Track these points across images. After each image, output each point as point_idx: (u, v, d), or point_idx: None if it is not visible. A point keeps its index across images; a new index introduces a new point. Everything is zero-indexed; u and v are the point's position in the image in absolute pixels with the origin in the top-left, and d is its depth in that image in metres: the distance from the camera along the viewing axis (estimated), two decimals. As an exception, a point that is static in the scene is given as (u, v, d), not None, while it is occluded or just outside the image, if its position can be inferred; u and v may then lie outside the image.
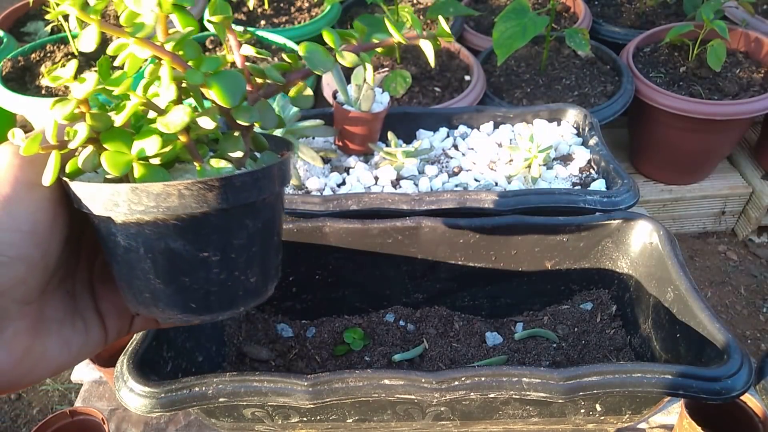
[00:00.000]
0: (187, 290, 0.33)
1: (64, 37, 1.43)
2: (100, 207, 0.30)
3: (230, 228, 0.32)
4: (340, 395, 0.56)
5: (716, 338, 0.59)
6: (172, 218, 0.30)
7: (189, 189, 0.29)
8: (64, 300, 0.34)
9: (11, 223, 0.30)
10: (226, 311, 0.34)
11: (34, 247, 0.30)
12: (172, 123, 0.30)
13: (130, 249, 0.31)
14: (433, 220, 0.74)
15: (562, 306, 0.81)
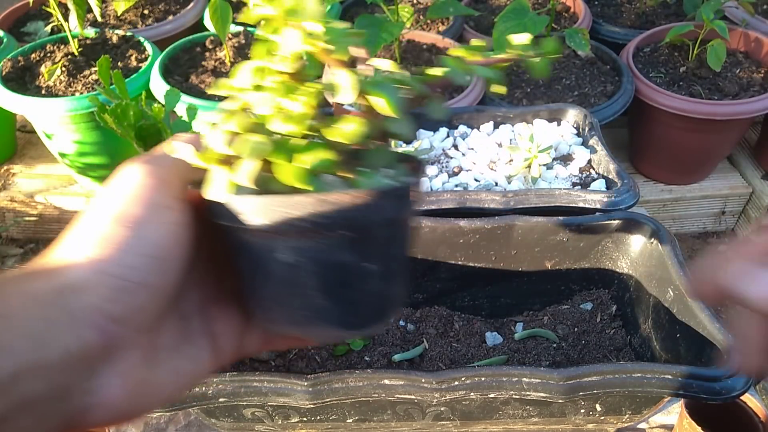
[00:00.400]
0: (348, 305, 0.32)
1: (64, 37, 1.43)
2: (269, 221, 0.28)
3: (394, 238, 0.31)
4: (340, 395, 0.56)
5: (716, 338, 0.59)
6: (350, 229, 0.29)
7: (375, 197, 0.28)
8: (176, 325, 0.32)
9: (139, 247, 0.28)
10: (377, 324, 0.34)
11: (158, 273, 0.29)
12: (348, 132, 0.29)
13: (295, 265, 0.30)
14: (433, 220, 0.74)
15: (562, 306, 0.81)
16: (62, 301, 0.26)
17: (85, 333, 0.26)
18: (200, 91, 1.31)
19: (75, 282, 0.27)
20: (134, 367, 0.29)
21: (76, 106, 1.24)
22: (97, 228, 0.28)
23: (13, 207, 1.50)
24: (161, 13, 1.66)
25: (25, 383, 0.25)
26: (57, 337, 0.26)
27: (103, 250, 0.28)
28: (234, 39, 1.45)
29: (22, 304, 0.26)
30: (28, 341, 0.25)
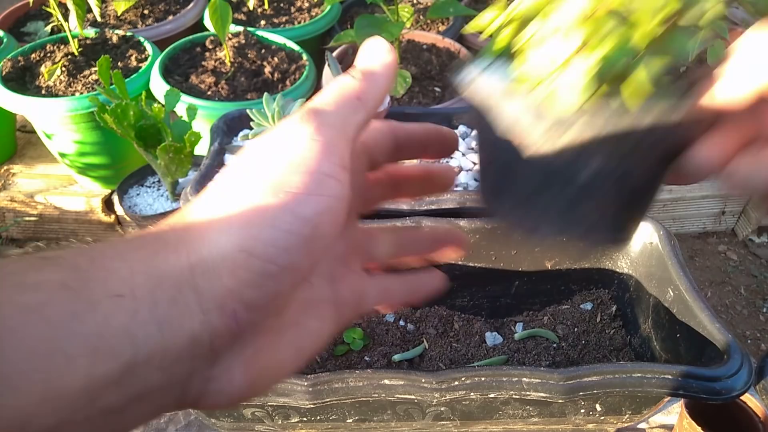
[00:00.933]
0: (626, 219, 0.32)
1: (64, 37, 1.43)
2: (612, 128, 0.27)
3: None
4: (340, 395, 0.56)
5: (716, 338, 0.59)
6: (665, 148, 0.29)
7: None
8: (304, 298, 0.28)
9: (293, 225, 0.24)
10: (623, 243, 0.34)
11: (307, 255, 0.24)
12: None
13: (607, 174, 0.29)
14: (433, 220, 0.74)
15: (562, 306, 0.81)
16: (194, 281, 0.23)
17: (216, 320, 0.23)
18: (200, 91, 1.31)
19: (212, 261, 0.23)
20: (259, 352, 0.26)
21: (76, 106, 1.24)
22: (247, 195, 0.24)
23: (13, 207, 1.50)
24: (161, 13, 1.66)
25: (144, 374, 0.22)
26: (184, 323, 0.23)
27: (251, 224, 0.24)
28: (234, 39, 1.45)
29: (148, 282, 0.23)
30: (152, 327, 0.22)
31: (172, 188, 1.07)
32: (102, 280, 0.22)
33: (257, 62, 1.40)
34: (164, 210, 1.07)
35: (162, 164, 0.99)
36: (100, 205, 1.47)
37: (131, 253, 0.23)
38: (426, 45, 1.44)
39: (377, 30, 1.16)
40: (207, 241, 0.24)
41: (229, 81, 1.34)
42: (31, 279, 0.21)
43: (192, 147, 0.98)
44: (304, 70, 1.37)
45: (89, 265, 0.22)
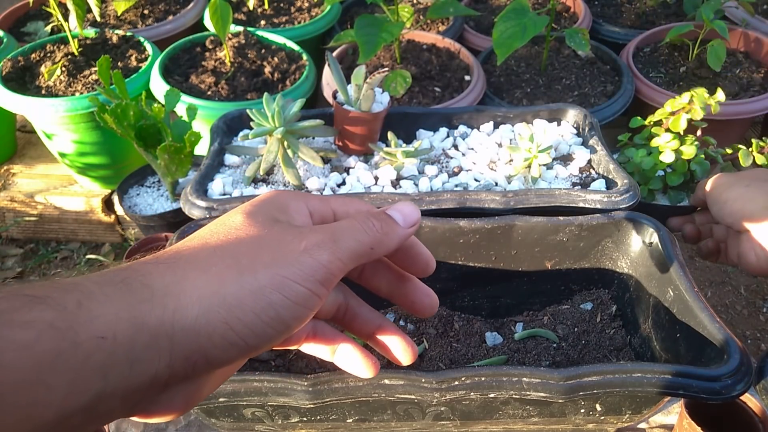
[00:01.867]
0: None
1: (64, 37, 1.43)
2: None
3: None
4: (340, 395, 0.56)
5: (716, 338, 0.59)
6: None
7: None
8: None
9: (273, 321, 0.29)
10: None
11: (269, 343, 0.30)
12: None
13: None
14: (433, 220, 0.74)
15: (562, 306, 0.81)
16: (173, 332, 0.27)
17: (178, 366, 0.28)
18: (200, 91, 1.31)
19: (196, 322, 0.28)
20: (201, 387, 0.31)
21: (76, 106, 1.24)
22: (247, 273, 0.29)
23: (13, 207, 1.50)
24: (161, 13, 1.66)
25: (109, 402, 0.26)
26: (152, 365, 0.27)
27: (241, 305, 0.28)
28: (234, 39, 1.45)
29: (129, 329, 0.26)
30: (124, 366, 0.26)
31: (172, 188, 1.07)
32: (87, 323, 0.25)
33: (257, 62, 1.40)
34: (164, 210, 1.07)
35: (162, 164, 0.99)
36: (100, 205, 1.47)
37: (117, 300, 0.27)
38: (426, 45, 1.44)
39: (377, 30, 1.16)
40: (196, 304, 0.28)
41: (229, 81, 1.34)
42: (22, 318, 0.24)
43: (192, 147, 0.98)
44: (304, 70, 1.37)
45: (76, 308, 0.26)
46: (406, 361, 0.39)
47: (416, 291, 0.40)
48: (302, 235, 0.32)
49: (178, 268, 0.29)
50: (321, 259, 0.31)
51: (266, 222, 0.32)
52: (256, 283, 0.29)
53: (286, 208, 0.34)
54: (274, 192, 0.36)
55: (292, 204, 0.35)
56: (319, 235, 0.32)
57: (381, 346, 0.40)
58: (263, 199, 0.35)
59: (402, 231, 0.36)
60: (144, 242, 0.93)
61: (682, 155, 0.99)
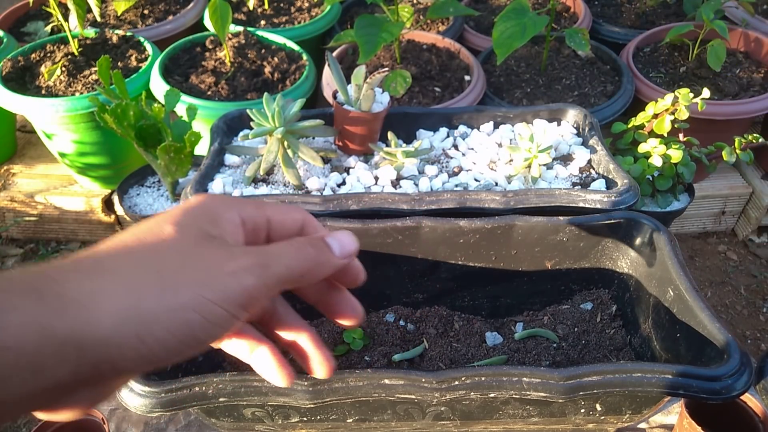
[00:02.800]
0: None
1: (64, 37, 1.43)
2: None
3: None
4: (340, 395, 0.56)
5: (716, 338, 0.59)
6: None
7: None
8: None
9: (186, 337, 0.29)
10: None
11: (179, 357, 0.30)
12: None
13: None
14: (433, 220, 0.74)
15: (562, 306, 0.81)
16: (81, 343, 0.27)
17: (85, 372, 0.27)
18: (200, 91, 1.31)
19: (108, 334, 0.27)
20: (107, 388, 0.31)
21: (76, 106, 1.24)
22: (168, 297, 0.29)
23: (13, 207, 1.50)
24: (161, 13, 1.66)
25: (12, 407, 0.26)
26: (56, 371, 0.27)
27: (155, 320, 0.28)
28: (234, 39, 1.45)
29: (38, 338, 0.26)
30: (27, 374, 0.26)
31: (172, 188, 1.07)
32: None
33: (257, 62, 1.40)
34: (164, 210, 1.07)
35: (162, 164, 0.99)
36: (100, 205, 1.47)
37: (27, 310, 0.27)
38: (426, 45, 1.44)
39: (377, 30, 1.16)
40: (111, 317, 0.28)
41: (229, 81, 1.34)
42: None
43: (192, 147, 0.98)
44: (304, 70, 1.37)
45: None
46: (321, 374, 0.39)
47: (343, 303, 0.40)
48: (232, 256, 0.31)
49: (96, 278, 0.29)
50: (246, 284, 0.31)
51: (196, 236, 0.32)
52: (175, 301, 0.29)
53: (218, 219, 0.33)
54: (206, 198, 0.35)
55: (225, 214, 0.34)
56: (249, 259, 0.32)
57: (300, 355, 0.40)
58: (194, 207, 0.34)
59: (337, 261, 0.36)
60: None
61: (670, 159, 0.99)
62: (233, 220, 0.34)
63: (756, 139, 1.04)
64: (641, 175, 1.00)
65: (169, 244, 0.31)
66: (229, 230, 0.34)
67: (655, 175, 1.02)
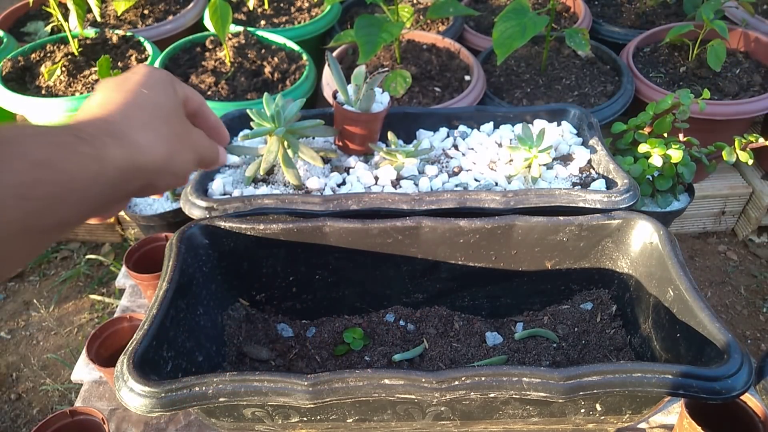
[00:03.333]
0: None
1: (64, 37, 1.43)
2: None
3: None
4: (340, 395, 0.56)
5: (716, 338, 0.59)
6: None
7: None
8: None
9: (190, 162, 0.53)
10: None
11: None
12: None
13: None
14: (433, 220, 0.74)
15: (562, 306, 0.81)
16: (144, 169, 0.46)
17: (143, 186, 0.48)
18: (200, 91, 1.31)
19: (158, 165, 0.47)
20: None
21: (76, 106, 1.24)
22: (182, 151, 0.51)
23: (13, 207, 1.50)
24: (161, 13, 1.66)
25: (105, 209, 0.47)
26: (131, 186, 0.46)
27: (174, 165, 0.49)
28: (234, 39, 1.45)
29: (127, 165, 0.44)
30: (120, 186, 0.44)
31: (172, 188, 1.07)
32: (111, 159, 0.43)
33: (257, 62, 1.40)
34: (164, 210, 1.07)
35: (162, 164, 0.99)
36: (100, 205, 1.46)
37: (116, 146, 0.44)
38: (426, 45, 1.44)
39: (377, 30, 1.16)
40: (160, 156, 0.47)
41: (229, 81, 1.34)
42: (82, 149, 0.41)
43: (192, 147, 0.98)
44: (304, 70, 1.37)
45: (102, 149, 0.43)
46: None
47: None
48: (201, 136, 0.55)
49: (148, 132, 0.47)
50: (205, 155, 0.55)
51: (179, 112, 0.52)
52: (185, 156, 0.50)
53: (181, 95, 0.53)
54: (163, 73, 0.52)
55: (182, 91, 0.53)
56: (207, 141, 0.55)
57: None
58: (162, 79, 0.51)
59: (220, 164, 0.59)
60: (144, 242, 0.93)
61: (670, 159, 0.99)
62: (185, 99, 0.54)
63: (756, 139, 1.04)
64: (641, 175, 1.00)
65: (170, 114, 0.50)
66: (184, 108, 0.53)
67: (655, 175, 1.02)
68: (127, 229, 1.54)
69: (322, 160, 0.85)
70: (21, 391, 1.33)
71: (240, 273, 0.78)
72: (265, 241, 0.75)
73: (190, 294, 0.70)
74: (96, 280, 1.53)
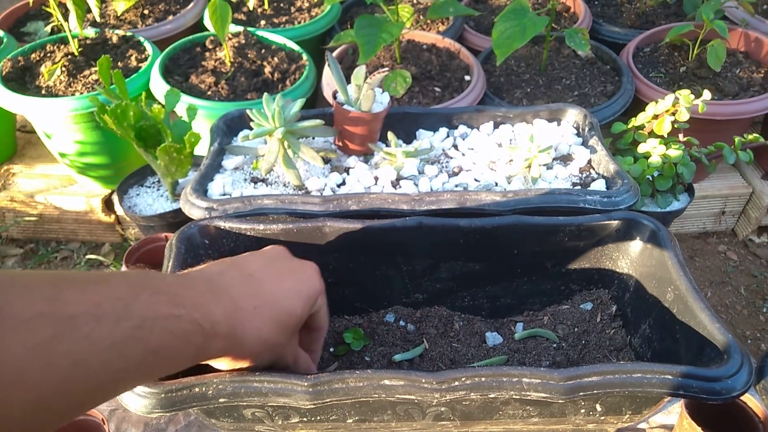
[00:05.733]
0: None
1: (64, 37, 1.43)
2: None
3: None
4: (340, 395, 0.56)
5: (716, 338, 0.59)
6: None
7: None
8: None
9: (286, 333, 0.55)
10: None
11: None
12: None
13: None
14: (433, 220, 0.74)
15: (562, 306, 0.81)
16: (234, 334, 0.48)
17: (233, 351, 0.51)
18: (200, 91, 1.31)
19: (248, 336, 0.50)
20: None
21: (76, 106, 1.24)
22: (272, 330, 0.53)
23: (13, 207, 1.50)
24: (161, 13, 1.66)
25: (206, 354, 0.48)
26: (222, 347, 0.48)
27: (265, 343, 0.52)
28: (234, 39, 1.45)
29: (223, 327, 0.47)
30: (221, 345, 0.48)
31: (172, 188, 1.07)
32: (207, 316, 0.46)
33: (257, 62, 1.40)
34: (164, 210, 1.07)
35: (162, 165, 0.99)
36: (100, 205, 1.47)
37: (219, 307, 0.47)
38: (426, 45, 1.44)
39: (377, 30, 1.16)
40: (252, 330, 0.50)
41: (229, 81, 1.34)
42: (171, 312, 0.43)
43: (192, 147, 0.98)
44: (304, 70, 1.37)
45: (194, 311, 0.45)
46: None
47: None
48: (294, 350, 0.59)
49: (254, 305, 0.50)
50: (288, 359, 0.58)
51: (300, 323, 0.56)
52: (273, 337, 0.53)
53: (315, 312, 0.59)
54: (318, 283, 0.58)
55: (318, 306, 0.58)
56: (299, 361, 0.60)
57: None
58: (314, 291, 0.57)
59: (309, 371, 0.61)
60: (144, 242, 0.93)
61: (670, 159, 0.99)
62: (317, 311, 0.59)
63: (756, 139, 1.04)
64: (641, 175, 1.00)
65: (292, 325, 0.55)
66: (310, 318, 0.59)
67: (655, 175, 1.02)
68: (127, 229, 1.54)
69: (322, 160, 0.85)
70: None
71: (240, 273, 0.78)
72: (265, 242, 0.75)
73: (190, 294, 0.70)
74: (96, 280, 1.53)
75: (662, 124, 1.03)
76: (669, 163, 1.00)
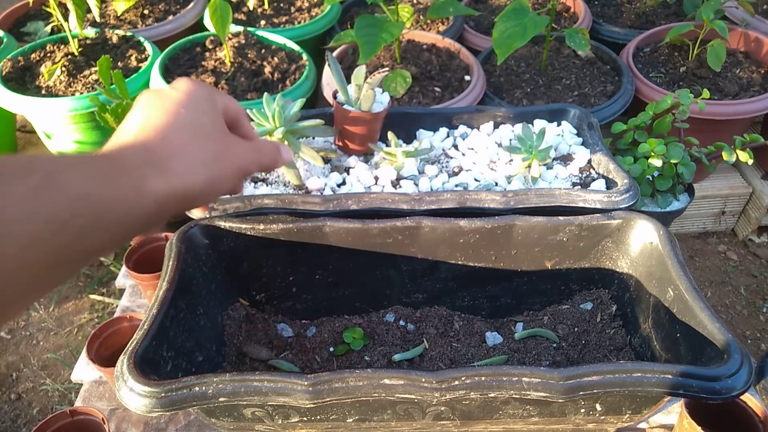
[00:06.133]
0: None
1: (64, 37, 1.43)
2: None
3: None
4: (340, 395, 0.56)
5: (716, 338, 0.59)
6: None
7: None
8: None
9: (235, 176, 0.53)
10: None
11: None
12: None
13: None
14: (433, 220, 0.74)
15: (562, 306, 0.81)
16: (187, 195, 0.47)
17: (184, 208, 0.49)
18: (200, 91, 1.31)
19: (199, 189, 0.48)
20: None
21: (77, 106, 1.24)
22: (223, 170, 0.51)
23: (13, 207, 1.50)
24: (161, 13, 1.66)
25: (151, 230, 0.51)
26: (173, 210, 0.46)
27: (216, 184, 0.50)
28: (234, 39, 1.45)
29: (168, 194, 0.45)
30: (164, 212, 0.45)
31: (172, 188, 1.07)
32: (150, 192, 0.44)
33: (257, 62, 1.40)
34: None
35: (162, 164, 0.99)
36: (100, 205, 1.47)
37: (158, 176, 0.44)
38: (426, 45, 1.44)
39: (377, 30, 1.16)
40: (201, 182, 0.48)
41: (229, 81, 1.34)
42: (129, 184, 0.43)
43: (192, 147, 0.98)
44: (304, 70, 1.37)
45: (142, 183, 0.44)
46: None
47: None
48: (243, 149, 0.54)
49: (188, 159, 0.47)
50: (250, 167, 0.54)
51: (217, 128, 0.51)
52: (225, 171, 0.50)
53: (221, 109, 0.53)
54: (202, 88, 0.52)
55: (221, 103, 0.53)
56: (251, 153, 0.54)
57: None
58: (201, 97, 0.51)
59: (283, 163, 0.60)
60: (144, 242, 0.93)
61: (670, 159, 0.99)
62: (225, 109, 0.54)
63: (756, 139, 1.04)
64: (641, 175, 1.00)
65: (209, 134, 0.50)
66: (224, 119, 0.53)
67: (655, 175, 1.02)
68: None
69: (322, 160, 0.86)
70: (21, 391, 1.33)
71: (240, 273, 0.78)
72: (265, 241, 0.75)
73: (190, 294, 0.70)
74: (96, 280, 1.53)
75: (662, 124, 1.04)
76: (669, 163, 1.00)
